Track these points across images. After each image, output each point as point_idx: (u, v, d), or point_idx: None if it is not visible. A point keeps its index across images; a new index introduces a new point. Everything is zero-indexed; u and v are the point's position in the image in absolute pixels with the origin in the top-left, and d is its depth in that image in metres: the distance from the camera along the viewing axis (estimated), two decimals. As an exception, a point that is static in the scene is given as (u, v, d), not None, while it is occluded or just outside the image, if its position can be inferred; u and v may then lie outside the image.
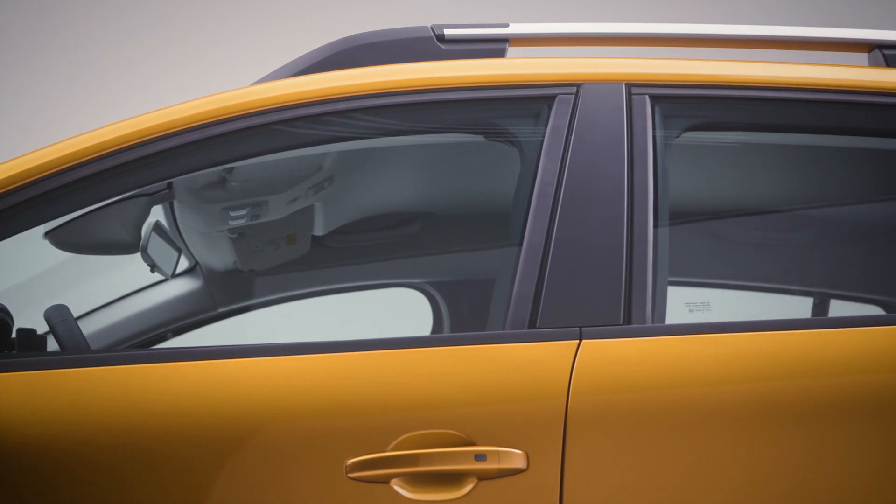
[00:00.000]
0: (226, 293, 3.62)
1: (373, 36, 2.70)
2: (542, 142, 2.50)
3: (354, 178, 3.21)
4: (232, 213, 3.17)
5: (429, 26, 2.71)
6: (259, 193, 3.13)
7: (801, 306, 3.35)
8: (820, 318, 2.48)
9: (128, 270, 3.53)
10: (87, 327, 3.61)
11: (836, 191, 3.13)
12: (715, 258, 3.33)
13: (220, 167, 2.98)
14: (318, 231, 3.42)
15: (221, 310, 3.68)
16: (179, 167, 2.50)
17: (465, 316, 3.52)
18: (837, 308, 3.43)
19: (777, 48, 2.77)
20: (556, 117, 2.52)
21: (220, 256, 3.50)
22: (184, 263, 3.61)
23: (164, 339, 3.61)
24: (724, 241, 3.29)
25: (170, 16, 5.40)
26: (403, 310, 3.77)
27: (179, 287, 3.62)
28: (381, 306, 3.82)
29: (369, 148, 3.01)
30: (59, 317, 2.47)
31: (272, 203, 3.17)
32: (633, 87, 2.54)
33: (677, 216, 2.98)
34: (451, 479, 2.26)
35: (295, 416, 2.28)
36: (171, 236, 3.29)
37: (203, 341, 3.69)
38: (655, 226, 2.46)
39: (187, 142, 2.47)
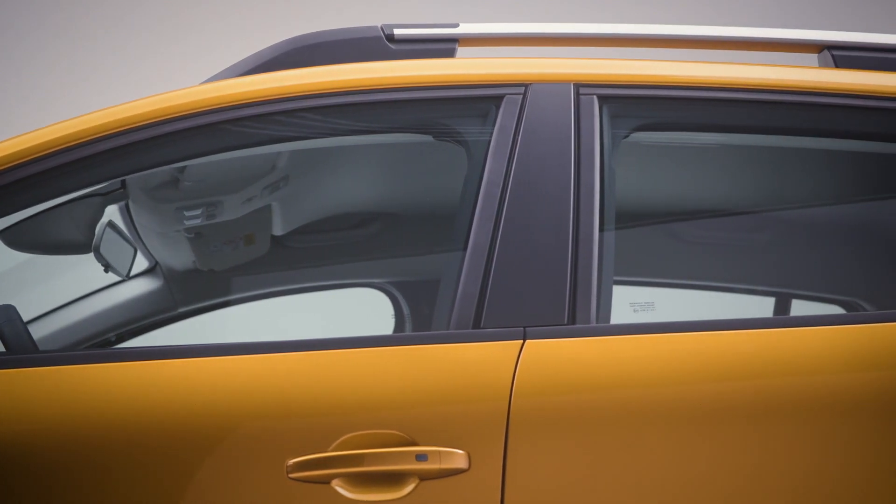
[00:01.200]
0: (186, 293, 3.62)
1: (322, 36, 2.70)
2: (490, 142, 2.50)
3: (308, 179, 3.21)
4: (187, 213, 3.17)
5: (378, 26, 2.71)
6: (213, 193, 3.13)
7: (752, 305, 3.35)
8: (767, 318, 2.47)
9: (86, 271, 3.52)
10: (47, 328, 3.60)
11: (785, 191, 3.14)
12: (663, 258, 3.34)
13: (170, 167, 2.97)
14: (277, 231, 3.42)
15: (182, 310, 3.68)
16: (124, 167, 2.49)
17: (425, 315, 3.52)
18: (799, 308, 3.44)
19: (727, 49, 2.77)
20: (504, 117, 2.52)
21: (178, 256, 3.50)
22: (143, 264, 3.60)
23: (121, 339, 3.61)
24: (673, 241, 3.30)
25: (114, 17, 5.39)
26: (365, 309, 3.78)
27: (139, 287, 3.62)
28: (342, 306, 3.82)
29: (320, 148, 3.01)
30: (4, 317, 2.47)
31: (227, 203, 3.17)
32: (581, 88, 2.55)
33: (624, 216, 2.98)
34: (393, 479, 2.26)
35: (236, 417, 2.27)
36: (126, 236, 3.28)
37: (163, 341, 3.69)
38: (601, 226, 2.46)
39: (132, 141, 2.46)
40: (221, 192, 3.13)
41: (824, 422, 2.28)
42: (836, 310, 3.47)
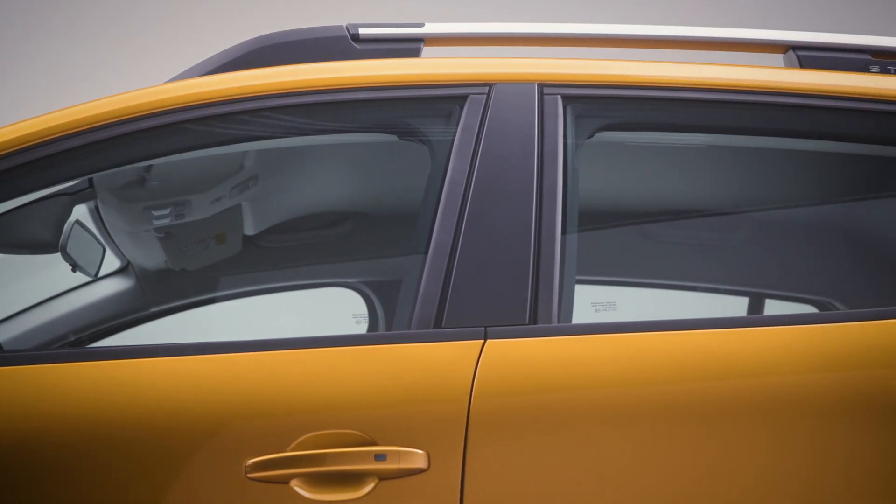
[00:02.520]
0: (158, 293, 3.61)
1: (287, 35, 2.69)
2: (453, 142, 2.50)
3: (277, 179, 3.21)
4: (155, 213, 3.16)
5: (344, 25, 2.71)
6: (181, 193, 3.12)
7: (717, 305, 3.36)
8: (729, 318, 2.46)
9: (57, 271, 3.52)
10: (17, 328, 3.60)
11: (751, 190, 3.14)
12: (627, 257, 3.34)
13: (135, 166, 2.97)
14: (248, 231, 3.42)
15: (154, 309, 3.67)
16: (85, 166, 2.49)
17: (396, 314, 3.52)
18: (773, 308, 3.45)
19: (693, 49, 2.78)
20: (468, 117, 2.52)
21: (150, 256, 3.49)
22: (115, 263, 3.60)
23: (93, 339, 3.60)
24: (637, 241, 3.30)
25: (81, 13, 5.38)
26: (338, 309, 3.77)
27: (112, 287, 3.61)
28: (314, 306, 3.81)
29: (286, 148, 3.00)
30: None
31: (195, 202, 3.16)
32: (546, 88, 2.55)
33: (588, 216, 2.99)
34: (351, 479, 2.25)
35: (194, 416, 2.27)
36: (94, 235, 3.28)
37: (134, 341, 3.68)
38: (564, 226, 2.46)
39: (93, 140, 2.46)
40: (189, 191, 3.12)
41: (785, 422, 2.28)
42: (809, 309, 3.47)
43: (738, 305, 3.40)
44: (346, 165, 3.18)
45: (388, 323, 3.50)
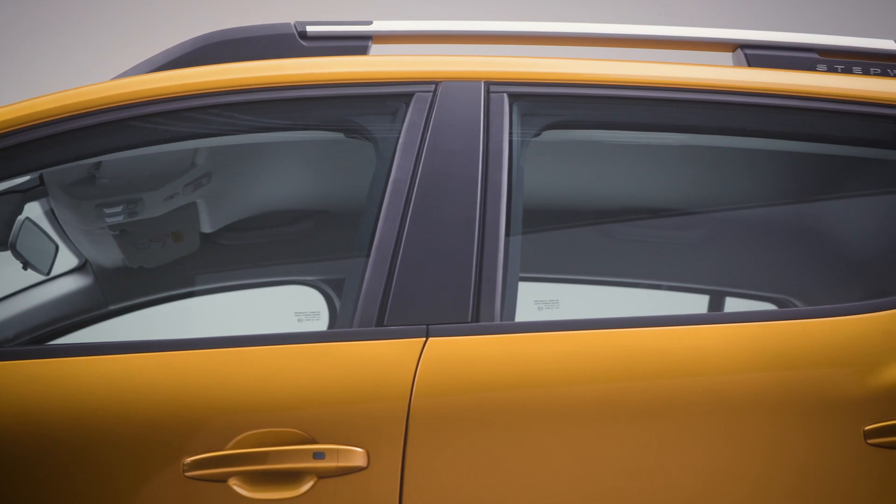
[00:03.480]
0: (117, 291, 3.60)
1: (234, 32, 2.69)
2: (398, 139, 2.50)
3: (229, 176, 3.20)
4: (107, 211, 3.15)
5: (292, 23, 2.70)
6: (132, 190, 3.11)
7: (670, 302, 3.36)
8: (672, 316, 2.46)
9: (9, 269, 3.50)
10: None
11: (697, 188, 3.14)
12: (573, 255, 3.34)
13: (83, 163, 2.96)
14: (206, 228, 3.41)
15: (112, 307, 3.66)
16: (28, 164, 2.48)
17: (339, 312, 3.51)
18: (733, 305, 3.45)
19: (641, 47, 2.78)
20: (413, 115, 2.51)
21: (107, 254, 3.48)
22: (73, 261, 3.59)
23: (50, 338, 3.59)
24: (583, 238, 3.30)
25: (23, 9, 5.35)
26: (296, 306, 3.77)
27: (69, 285, 3.60)
28: (273, 303, 3.81)
29: (235, 145, 3.00)
30: None
31: (148, 200, 3.15)
32: (492, 86, 2.54)
33: (534, 214, 2.98)
34: (290, 477, 2.25)
35: (132, 415, 2.26)
36: (46, 233, 3.26)
37: (92, 339, 3.67)
38: (508, 224, 2.46)
39: (36, 138, 2.45)
40: (141, 189, 3.11)
41: (726, 420, 2.28)
42: (767, 307, 3.48)
43: (690, 304, 3.40)
44: (295, 163, 3.18)
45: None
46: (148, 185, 3.10)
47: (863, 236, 3.09)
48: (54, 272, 3.51)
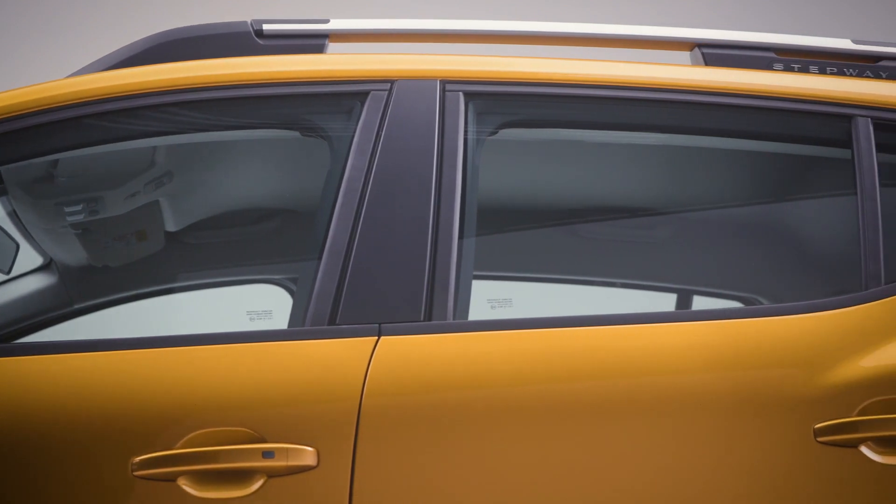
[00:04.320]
0: (82, 290, 3.60)
1: (190, 30, 2.68)
2: (353, 138, 2.50)
3: (190, 175, 3.19)
4: (67, 209, 3.14)
5: (248, 21, 2.70)
6: (92, 189, 3.10)
7: (631, 301, 3.36)
8: (626, 314, 2.46)
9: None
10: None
11: (653, 186, 3.14)
12: (528, 254, 3.33)
13: (40, 160, 2.95)
14: (170, 227, 3.40)
15: (77, 306, 3.65)
16: None
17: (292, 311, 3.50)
18: (700, 303, 3.45)
19: (599, 46, 2.78)
20: (368, 113, 2.51)
21: (71, 253, 3.47)
22: (38, 259, 3.58)
23: (16, 336, 3.58)
24: (538, 237, 3.30)
25: None
26: (260, 304, 3.76)
27: (34, 283, 3.59)
28: (239, 302, 3.80)
29: (192, 144, 2.99)
30: None
31: (108, 198, 3.14)
32: (448, 84, 2.54)
33: (489, 213, 2.98)
34: (239, 476, 2.24)
35: (81, 413, 2.26)
36: (7, 232, 3.25)
37: (55, 338, 3.66)
38: (462, 223, 2.45)
39: None
40: (100, 187, 3.10)
41: (677, 420, 2.29)
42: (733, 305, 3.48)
43: (655, 302, 3.40)
44: (254, 162, 3.17)
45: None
46: (107, 183, 3.09)
47: (822, 235, 3.10)
48: (19, 271, 3.50)
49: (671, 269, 3.32)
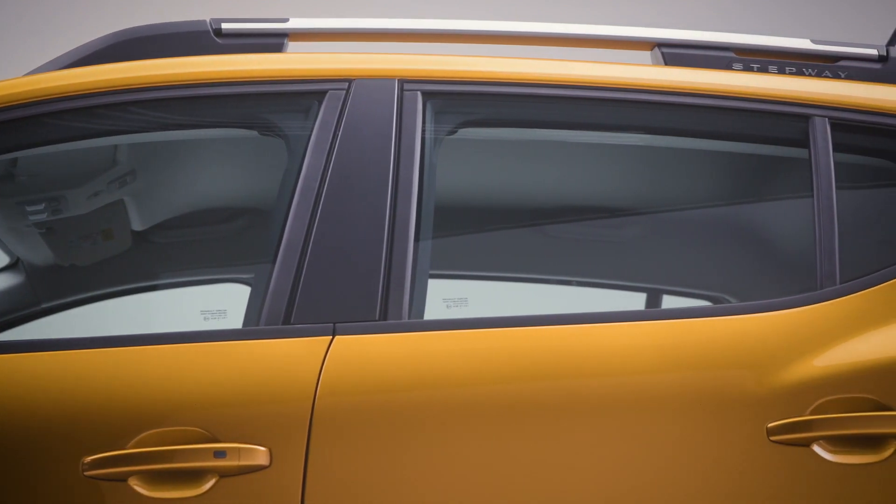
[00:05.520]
0: (49, 289, 3.59)
1: (148, 29, 2.67)
2: (310, 137, 2.49)
3: (152, 173, 3.19)
4: (29, 208, 3.13)
5: (207, 20, 2.69)
6: (54, 188, 3.09)
7: (583, 301, 3.36)
8: (583, 314, 2.45)
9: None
10: None
11: (613, 185, 3.14)
12: (486, 253, 3.33)
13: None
14: (136, 226, 3.39)
15: (45, 305, 3.64)
16: None
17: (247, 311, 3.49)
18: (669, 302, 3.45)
19: (559, 45, 2.78)
20: (326, 112, 2.50)
21: (37, 252, 3.47)
22: (4, 259, 3.57)
23: None
24: (497, 236, 3.29)
25: None
26: (229, 303, 3.76)
27: (1, 283, 3.58)
28: (206, 301, 3.79)
29: (152, 142, 2.98)
30: None
31: (70, 197, 3.13)
32: (406, 83, 2.54)
33: (446, 212, 2.98)
34: (190, 476, 2.23)
35: (32, 413, 2.25)
36: None
37: (22, 337, 3.65)
38: (419, 222, 2.45)
39: None
40: (62, 186, 3.09)
41: (631, 420, 2.28)
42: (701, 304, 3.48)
43: (613, 301, 3.39)
44: (215, 161, 3.16)
45: None
46: (69, 182, 3.09)
47: (785, 234, 3.10)
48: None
49: (628, 268, 3.32)
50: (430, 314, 2.46)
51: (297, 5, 5.17)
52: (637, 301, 3.36)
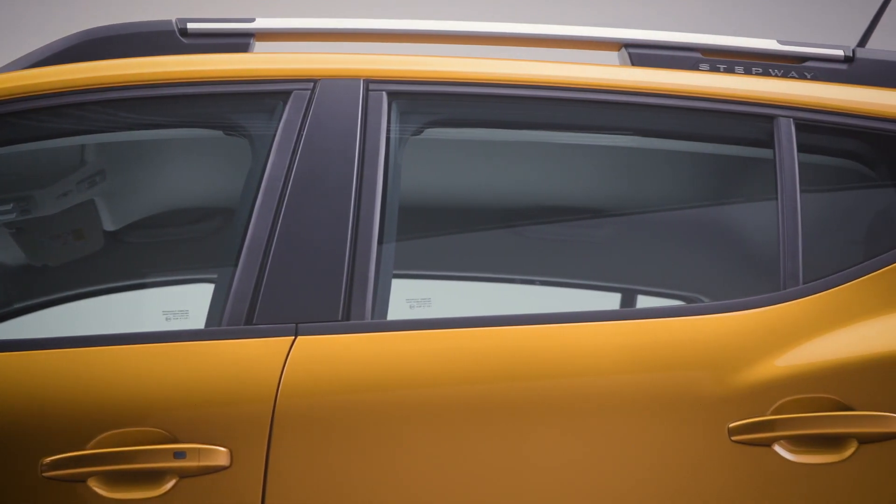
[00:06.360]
0: (21, 289, 3.58)
1: (113, 29, 2.67)
2: (275, 137, 2.49)
3: (122, 174, 3.18)
4: None
5: (173, 20, 2.68)
6: (22, 188, 3.09)
7: (550, 300, 3.35)
8: (549, 314, 2.45)
9: None
10: None
11: (581, 186, 3.14)
12: (451, 253, 3.33)
13: None
14: (109, 226, 3.38)
15: (17, 306, 3.63)
16: None
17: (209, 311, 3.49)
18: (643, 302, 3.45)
19: (527, 46, 2.77)
20: (291, 112, 2.50)
21: (7, 252, 3.46)
22: (-23, 258, 3.56)
23: None
24: (462, 236, 3.29)
25: None
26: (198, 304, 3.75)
27: (-27, 282, 3.58)
28: (171, 301, 3.78)
29: (118, 142, 2.97)
30: None
31: (39, 197, 3.13)
32: (371, 84, 2.53)
33: (412, 212, 2.97)
34: (150, 477, 2.23)
35: None
36: None
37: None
38: (382, 222, 2.45)
39: None
40: (30, 186, 3.09)
41: (595, 421, 2.28)
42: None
43: (578, 301, 3.39)
44: (182, 162, 3.16)
45: None
46: (38, 182, 3.08)
47: (753, 234, 3.10)
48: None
49: (594, 268, 3.31)
50: (393, 314, 2.45)
51: (270, 6, 5.16)
52: (610, 302, 3.35)
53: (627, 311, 2.40)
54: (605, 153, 2.98)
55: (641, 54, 2.69)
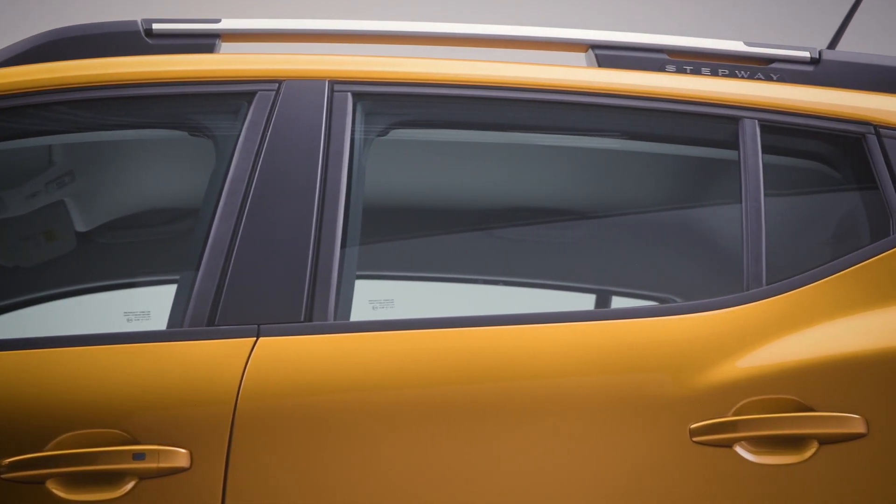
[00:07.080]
0: None
1: (78, 29, 2.66)
2: (238, 138, 2.48)
3: (91, 174, 3.17)
4: None
5: (138, 20, 2.68)
6: None
7: (518, 300, 3.35)
8: (515, 315, 2.44)
9: None
10: None
11: (547, 186, 3.14)
12: (415, 254, 3.32)
13: None
14: (80, 227, 3.37)
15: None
16: None
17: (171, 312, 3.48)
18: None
19: (493, 47, 2.77)
20: (255, 113, 2.49)
21: (-21, 253, 3.45)
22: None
23: None
24: (427, 237, 3.29)
25: None
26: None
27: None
28: (133, 302, 3.77)
29: (84, 143, 2.97)
30: None
31: (7, 198, 3.12)
32: (336, 85, 2.53)
33: (374, 213, 2.97)
34: (109, 478, 2.22)
35: None
36: None
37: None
38: (346, 223, 2.44)
39: None
40: None
41: (555, 422, 2.28)
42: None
43: (541, 302, 3.38)
44: (146, 162, 3.15)
45: None
46: (5, 183, 3.07)
47: (717, 235, 3.10)
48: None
49: (555, 269, 3.31)
50: (356, 315, 2.45)
51: (238, 6, 5.15)
52: (580, 303, 3.35)
53: (590, 312, 2.39)
54: (572, 154, 2.98)
55: (608, 55, 2.69)
